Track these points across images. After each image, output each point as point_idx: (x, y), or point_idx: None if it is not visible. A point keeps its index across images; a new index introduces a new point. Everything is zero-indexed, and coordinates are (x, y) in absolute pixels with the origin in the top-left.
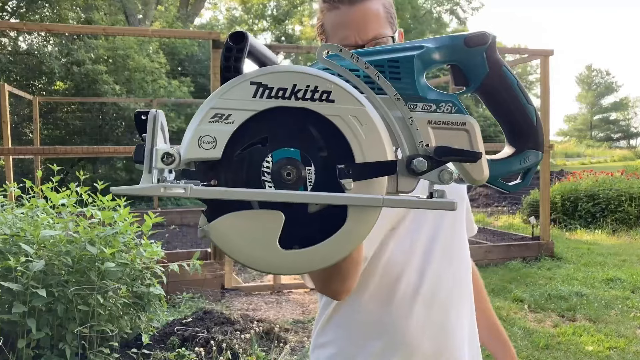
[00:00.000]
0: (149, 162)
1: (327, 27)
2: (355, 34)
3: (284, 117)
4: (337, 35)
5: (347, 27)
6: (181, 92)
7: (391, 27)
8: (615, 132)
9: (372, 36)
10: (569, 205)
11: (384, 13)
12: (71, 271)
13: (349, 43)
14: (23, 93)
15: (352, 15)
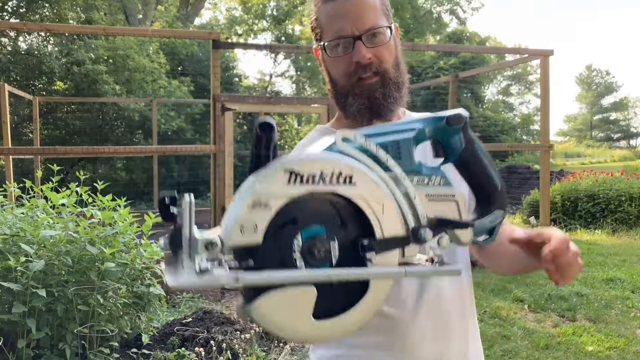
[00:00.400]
0: (190, 250)
1: (322, 20)
2: (351, 25)
3: (311, 199)
4: (333, 27)
5: (344, 18)
6: (181, 92)
7: (387, 19)
8: (615, 132)
9: (369, 26)
10: (569, 205)
11: (380, 5)
12: (71, 271)
13: (345, 34)
14: (23, 93)
15: (348, 6)
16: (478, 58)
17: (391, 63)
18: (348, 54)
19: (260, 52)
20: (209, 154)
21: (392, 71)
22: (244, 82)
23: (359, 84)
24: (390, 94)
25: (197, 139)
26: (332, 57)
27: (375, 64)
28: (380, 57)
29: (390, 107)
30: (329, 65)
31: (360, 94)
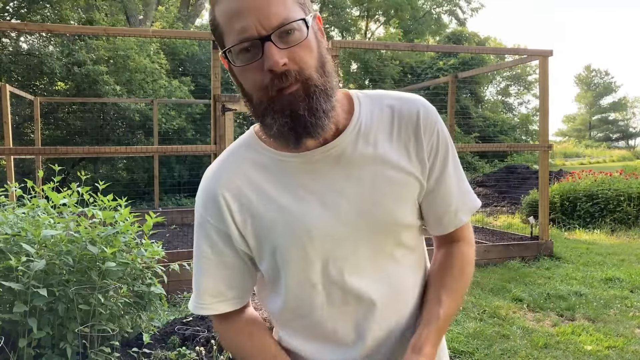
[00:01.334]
0: None
1: (221, 21)
2: (256, 23)
3: None
4: (234, 27)
5: (245, 16)
6: (181, 92)
7: (302, 9)
8: (614, 132)
9: (279, 22)
10: (567, 205)
11: None
12: (72, 271)
13: (250, 35)
14: (24, 93)
15: (240, 3)
16: (477, 58)
17: (314, 65)
18: (258, 61)
19: None
20: (209, 154)
21: (317, 76)
22: None
23: (276, 98)
24: (317, 107)
25: (197, 139)
26: (239, 66)
27: (293, 71)
28: (299, 61)
29: (320, 123)
30: (239, 76)
31: (280, 111)
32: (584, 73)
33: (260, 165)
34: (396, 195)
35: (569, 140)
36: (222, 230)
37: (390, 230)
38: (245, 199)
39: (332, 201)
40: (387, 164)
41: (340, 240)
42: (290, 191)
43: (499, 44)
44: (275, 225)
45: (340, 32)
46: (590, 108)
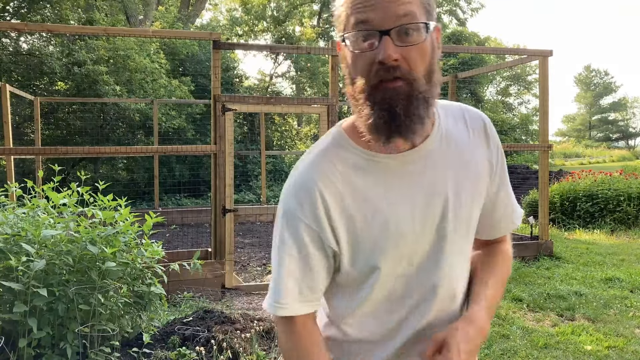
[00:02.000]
0: None
1: (346, 7)
2: (380, 16)
3: None
4: (358, 16)
5: (371, 7)
6: (181, 92)
7: (427, 15)
8: (614, 132)
9: (402, 20)
10: (567, 205)
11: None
12: (72, 271)
13: (372, 27)
14: (24, 93)
15: None
16: (477, 58)
17: (423, 71)
18: (372, 51)
19: (260, 52)
20: (209, 154)
21: (422, 82)
22: (245, 82)
23: (379, 87)
24: (415, 111)
25: (197, 139)
26: (353, 51)
27: (402, 68)
28: (410, 61)
29: (412, 127)
30: (349, 61)
31: (380, 102)
32: (584, 73)
33: (353, 164)
34: (475, 196)
35: (569, 140)
36: (315, 230)
37: (469, 230)
38: (341, 198)
39: (422, 203)
40: (469, 168)
41: (426, 237)
42: (383, 192)
43: (499, 44)
44: (372, 226)
45: None
46: (590, 108)
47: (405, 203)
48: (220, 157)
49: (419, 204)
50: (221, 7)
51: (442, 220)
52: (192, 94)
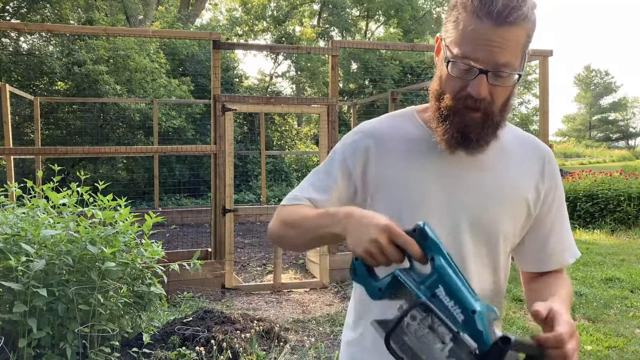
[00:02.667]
0: None
1: (461, 28)
2: (485, 57)
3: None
4: (467, 46)
5: (480, 46)
6: (181, 91)
7: (522, 57)
8: (614, 132)
9: (501, 65)
10: (567, 205)
11: (524, 42)
12: (72, 271)
13: (474, 62)
14: (24, 93)
15: (491, 36)
16: None
17: (500, 105)
18: (466, 80)
19: (260, 52)
20: (209, 154)
21: (497, 114)
22: (245, 82)
23: (461, 113)
24: (484, 137)
25: (197, 139)
26: (451, 75)
27: (486, 101)
28: (494, 97)
29: (480, 149)
30: (444, 75)
31: (458, 124)
32: (584, 73)
33: (412, 135)
34: (504, 206)
35: (569, 140)
36: (348, 166)
37: (487, 233)
38: (385, 152)
39: (450, 187)
40: (508, 180)
41: (442, 222)
42: (422, 163)
43: None
44: (396, 186)
45: (340, 32)
46: (590, 108)
47: (435, 181)
48: (220, 157)
49: (448, 188)
50: (221, 7)
51: (465, 215)
52: (192, 94)
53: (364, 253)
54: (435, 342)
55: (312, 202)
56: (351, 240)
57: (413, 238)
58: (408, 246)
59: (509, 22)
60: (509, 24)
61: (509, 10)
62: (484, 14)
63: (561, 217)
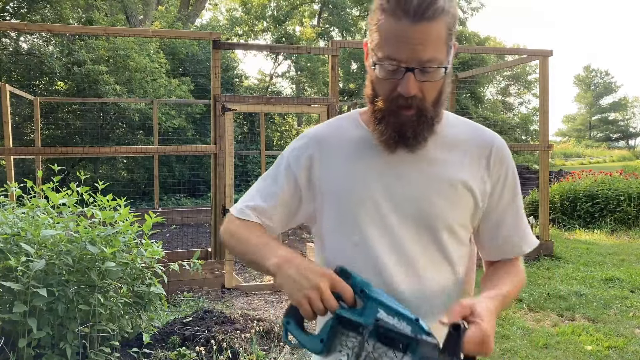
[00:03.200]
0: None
1: (382, 32)
2: (409, 54)
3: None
4: (390, 47)
5: (402, 45)
6: (181, 91)
7: (447, 51)
8: (614, 132)
9: (426, 61)
10: (567, 205)
11: (446, 35)
12: (72, 271)
13: (399, 61)
14: (24, 93)
15: (410, 34)
16: (477, 58)
17: (432, 99)
18: (395, 80)
19: (260, 52)
20: (209, 154)
21: (431, 109)
22: (245, 82)
23: (395, 113)
24: (421, 132)
25: (197, 139)
26: (380, 77)
27: (417, 98)
28: (425, 92)
29: (417, 145)
30: (374, 78)
31: (393, 124)
32: (584, 73)
33: (354, 137)
34: (448, 198)
35: (569, 140)
36: (294, 169)
37: (432, 227)
38: (328, 156)
39: (393, 185)
40: (451, 172)
41: (387, 220)
42: (365, 163)
43: (499, 44)
44: (340, 187)
45: (340, 32)
46: (590, 108)
47: (376, 177)
48: (220, 157)
49: (389, 183)
50: (221, 7)
51: (409, 208)
52: (192, 94)
53: (304, 299)
54: (398, 354)
55: (258, 210)
56: (289, 286)
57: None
58: (345, 292)
59: (427, 18)
60: (427, 20)
61: (425, 6)
62: (401, 12)
63: (515, 207)
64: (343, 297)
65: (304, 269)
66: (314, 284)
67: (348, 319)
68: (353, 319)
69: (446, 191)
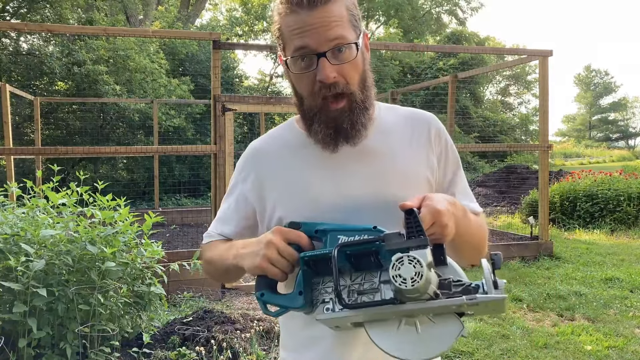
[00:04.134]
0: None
1: (285, 33)
2: (315, 40)
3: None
4: (295, 41)
5: (306, 34)
6: (181, 90)
7: (354, 31)
8: (614, 132)
9: (334, 42)
10: (567, 205)
11: (348, 15)
12: (72, 271)
13: (308, 50)
14: (24, 93)
15: (311, 20)
16: (477, 58)
17: (357, 82)
18: (311, 71)
19: (260, 52)
20: (209, 154)
21: (359, 93)
22: (245, 82)
23: (325, 108)
24: (357, 120)
25: (197, 139)
26: (295, 73)
27: (340, 84)
28: (346, 76)
29: (358, 134)
30: (293, 78)
31: (326, 122)
32: (584, 73)
33: (290, 142)
34: (404, 185)
35: (569, 140)
36: (244, 190)
37: (392, 212)
38: (269, 167)
39: (342, 178)
40: (399, 159)
41: (346, 212)
42: (307, 164)
43: (499, 44)
44: (290, 194)
45: None
46: (590, 108)
47: (326, 177)
48: (220, 157)
49: (340, 180)
50: (221, 7)
51: (366, 200)
52: (192, 94)
53: (263, 261)
54: (375, 273)
55: (222, 235)
56: (247, 260)
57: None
58: (300, 238)
59: (322, 2)
60: (323, 4)
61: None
62: (296, 7)
63: (460, 174)
64: (300, 243)
65: (255, 240)
66: (267, 241)
67: (315, 257)
68: (319, 253)
69: (402, 182)
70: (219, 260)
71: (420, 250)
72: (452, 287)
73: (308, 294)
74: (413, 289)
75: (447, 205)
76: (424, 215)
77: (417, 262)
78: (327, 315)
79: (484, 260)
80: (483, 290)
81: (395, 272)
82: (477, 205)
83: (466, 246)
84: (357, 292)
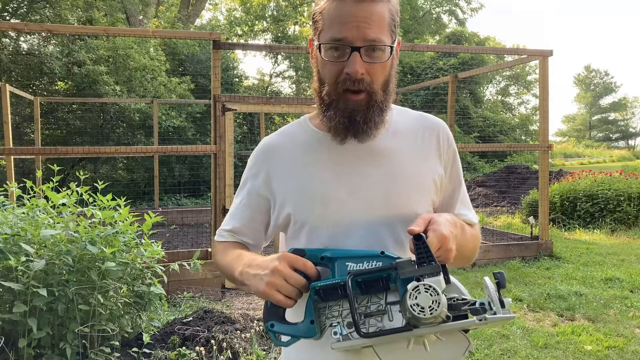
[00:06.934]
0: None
1: (326, 16)
2: (354, 33)
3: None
4: (335, 28)
5: (348, 24)
6: (181, 89)
7: (391, 36)
8: (614, 132)
9: (372, 40)
10: (567, 205)
11: (389, 19)
12: (72, 271)
13: (345, 41)
14: (24, 93)
15: (355, 12)
16: (477, 58)
17: (381, 83)
18: (342, 62)
19: (260, 52)
20: (209, 154)
21: (380, 93)
22: (245, 82)
23: (344, 97)
24: (371, 118)
25: (197, 139)
26: (326, 60)
27: (365, 81)
28: (373, 75)
29: (369, 132)
30: (320, 63)
31: (342, 110)
32: (584, 73)
33: (302, 140)
34: (412, 187)
35: (569, 140)
36: (255, 186)
37: (402, 214)
38: (280, 164)
39: (352, 178)
40: (409, 161)
41: (355, 212)
42: (318, 162)
43: (499, 44)
44: (299, 191)
45: None
46: (590, 108)
47: (335, 176)
48: (220, 157)
49: (349, 180)
50: (221, 7)
51: (376, 202)
52: (192, 94)
53: (269, 288)
54: (381, 294)
55: (233, 231)
56: (252, 282)
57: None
58: (307, 268)
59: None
60: (369, 0)
61: None
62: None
63: (460, 184)
64: (306, 272)
65: (261, 262)
66: (272, 268)
67: (325, 287)
68: (330, 283)
69: (411, 184)
70: (226, 268)
71: (434, 278)
72: (460, 306)
73: (318, 322)
74: (431, 317)
75: (450, 228)
76: (431, 240)
77: (433, 290)
78: (343, 345)
79: (487, 279)
80: (490, 308)
81: (413, 301)
82: (474, 214)
83: (458, 256)
84: (364, 315)
